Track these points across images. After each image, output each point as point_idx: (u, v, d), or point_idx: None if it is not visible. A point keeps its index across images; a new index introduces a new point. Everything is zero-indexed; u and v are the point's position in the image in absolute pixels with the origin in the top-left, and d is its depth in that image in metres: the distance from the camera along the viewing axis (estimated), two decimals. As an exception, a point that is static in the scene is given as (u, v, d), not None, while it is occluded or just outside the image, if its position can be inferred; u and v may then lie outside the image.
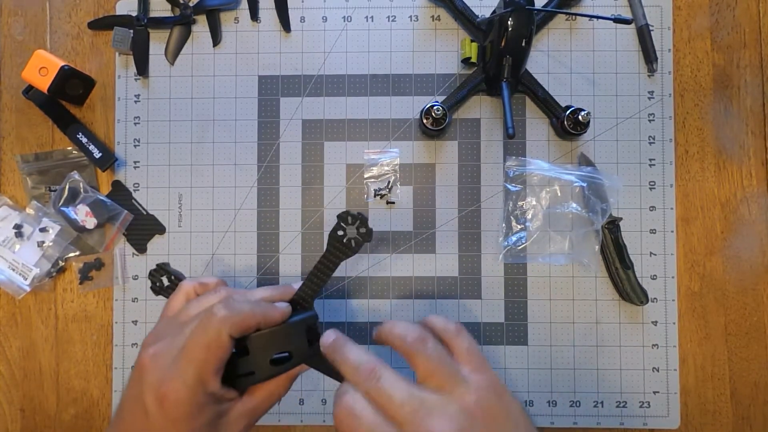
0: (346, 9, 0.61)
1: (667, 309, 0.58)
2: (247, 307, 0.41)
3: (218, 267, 0.60)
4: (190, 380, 0.38)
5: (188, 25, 0.61)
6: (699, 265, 0.59)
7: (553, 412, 0.58)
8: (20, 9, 0.61)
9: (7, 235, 0.58)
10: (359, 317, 0.59)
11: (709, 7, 0.60)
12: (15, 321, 0.60)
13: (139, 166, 0.60)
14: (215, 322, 0.39)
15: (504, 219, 0.59)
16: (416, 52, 0.60)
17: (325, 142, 0.60)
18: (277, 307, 0.43)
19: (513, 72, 0.55)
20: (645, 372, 0.58)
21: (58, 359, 0.60)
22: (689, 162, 0.59)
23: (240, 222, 0.60)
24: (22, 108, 0.61)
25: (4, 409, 0.60)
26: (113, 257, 0.59)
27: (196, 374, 0.38)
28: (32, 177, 0.60)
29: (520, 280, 0.59)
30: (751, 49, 0.60)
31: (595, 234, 0.57)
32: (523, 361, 0.58)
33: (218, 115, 0.60)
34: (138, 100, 0.61)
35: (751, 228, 0.59)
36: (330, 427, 0.59)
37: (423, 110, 0.56)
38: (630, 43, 0.60)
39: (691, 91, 0.59)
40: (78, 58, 0.61)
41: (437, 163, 0.60)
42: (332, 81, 0.60)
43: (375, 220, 0.59)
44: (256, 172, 0.60)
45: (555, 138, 0.60)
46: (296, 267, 0.59)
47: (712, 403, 0.58)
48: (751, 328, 0.58)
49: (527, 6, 0.52)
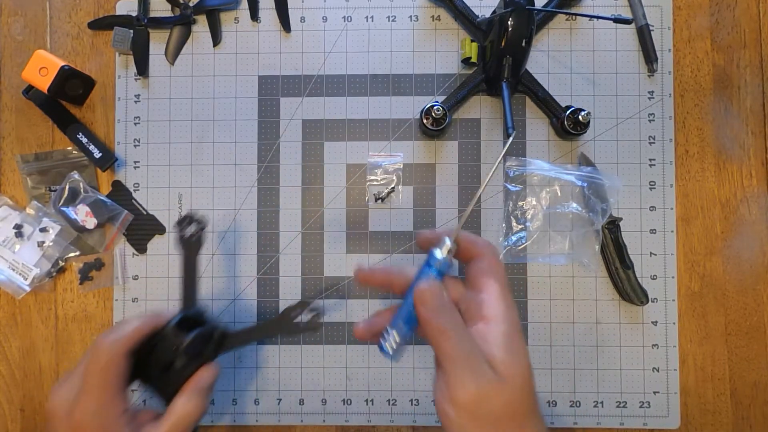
0: (346, 9, 0.61)
1: (667, 309, 0.58)
2: (127, 324, 0.43)
3: (218, 267, 0.60)
4: (95, 405, 0.40)
5: (188, 25, 0.61)
6: (699, 265, 0.59)
7: (553, 412, 0.58)
8: (20, 9, 0.61)
9: (7, 235, 0.58)
10: (359, 317, 0.59)
11: (709, 7, 0.60)
12: (15, 321, 0.60)
13: (139, 166, 0.60)
14: (103, 344, 0.42)
15: (504, 219, 0.59)
16: (416, 52, 0.60)
17: (325, 142, 0.60)
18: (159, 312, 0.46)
19: (513, 72, 0.55)
20: (645, 372, 0.58)
21: (58, 359, 0.60)
22: (689, 162, 0.59)
23: (240, 222, 0.60)
24: (22, 108, 0.61)
25: (4, 409, 0.60)
26: (113, 257, 0.59)
27: (101, 397, 0.40)
28: (32, 177, 0.60)
29: (520, 280, 0.59)
30: (751, 49, 0.60)
31: (595, 234, 0.57)
32: (523, 361, 0.58)
33: (218, 115, 0.60)
34: (138, 100, 0.61)
35: (751, 228, 0.59)
36: (329, 427, 0.59)
37: (423, 110, 0.56)
38: (630, 43, 0.60)
39: (691, 91, 0.59)
40: (78, 58, 0.61)
41: (437, 163, 0.60)
42: (332, 81, 0.60)
43: (375, 220, 0.59)
44: (256, 172, 0.60)
45: (555, 138, 0.60)
46: (296, 267, 0.59)
47: (712, 403, 0.58)
48: (751, 328, 0.58)
49: (527, 6, 0.52)
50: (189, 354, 0.44)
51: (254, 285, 0.59)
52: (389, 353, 0.39)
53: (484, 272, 0.39)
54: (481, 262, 0.39)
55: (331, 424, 0.59)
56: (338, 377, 0.59)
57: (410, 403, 0.58)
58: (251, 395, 0.59)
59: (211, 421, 0.59)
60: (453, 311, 0.37)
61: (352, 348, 0.59)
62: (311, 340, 0.59)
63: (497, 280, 0.38)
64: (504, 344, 0.36)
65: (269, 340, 0.59)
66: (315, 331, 0.48)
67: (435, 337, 0.36)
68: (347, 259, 0.59)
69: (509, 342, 0.36)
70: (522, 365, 0.36)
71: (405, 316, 0.38)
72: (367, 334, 0.41)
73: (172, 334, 0.44)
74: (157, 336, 0.44)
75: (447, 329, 0.36)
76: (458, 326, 0.36)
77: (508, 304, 0.38)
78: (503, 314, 0.37)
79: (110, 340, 0.42)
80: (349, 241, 0.59)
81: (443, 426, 0.37)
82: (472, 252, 0.40)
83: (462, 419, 0.35)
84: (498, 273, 0.39)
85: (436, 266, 0.39)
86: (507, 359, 0.35)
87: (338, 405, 0.59)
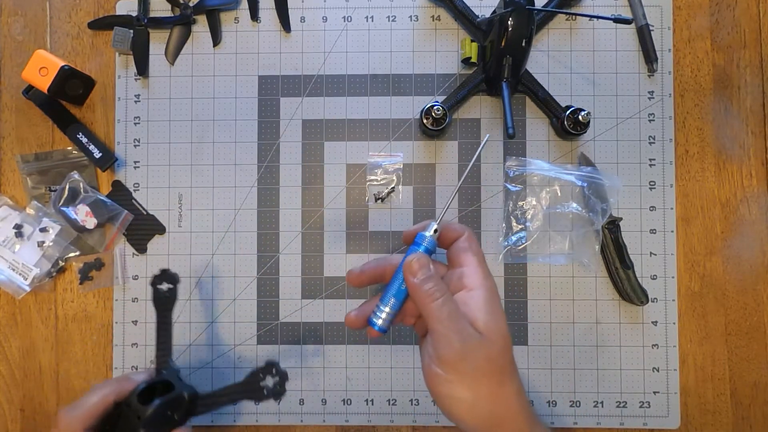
0: (346, 9, 0.61)
1: (667, 309, 0.58)
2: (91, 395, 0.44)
3: (218, 267, 0.60)
4: None
5: (188, 25, 0.61)
6: (699, 265, 0.59)
7: (553, 412, 0.58)
8: (20, 9, 0.61)
9: (7, 235, 0.58)
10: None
11: (709, 7, 0.60)
12: (15, 321, 0.60)
13: (139, 166, 0.60)
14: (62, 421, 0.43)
15: (504, 219, 0.59)
16: (416, 52, 0.60)
17: (325, 142, 0.60)
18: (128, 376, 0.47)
19: (513, 72, 0.55)
20: (645, 372, 0.58)
21: (58, 359, 0.60)
22: (689, 162, 0.59)
23: (240, 222, 0.60)
24: (22, 108, 0.61)
25: (4, 409, 0.60)
26: (113, 257, 0.59)
27: None
28: (32, 177, 0.60)
29: (520, 280, 0.59)
30: (751, 49, 0.60)
31: (595, 234, 0.57)
32: (523, 361, 0.58)
33: (218, 115, 0.60)
34: (138, 100, 0.61)
35: (751, 228, 0.59)
36: (329, 427, 0.59)
37: (423, 110, 0.56)
38: (630, 43, 0.60)
39: (691, 91, 0.59)
40: (78, 58, 0.61)
41: (437, 163, 0.60)
42: (332, 81, 0.60)
43: (375, 220, 0.59)
44: (256, 172, 0.60)
45: (555, 138, 0.60)
46: (296, 267, 0.59)
47: (712, 403, 0.58)
48: (751, 328, 0.58)
49: (527, 6, 0.52)
50: (151, 425, 0.44)
51: (254, 285, 0.59)
52: (381, 327, 0.42)
53: (463, 249, 0.43)
54: (460, 242, 0.43)
55: (331, 424, 0.59)
56: (338, 377, 0.59)
57: (410, 403, 0.58)
58: (251, 395, 0.59)
59: (211, 421, 0.59)
60: (438, 279, 0.41)
61: (352, 348, 0.59)
62: (311, 340, 0.59)
63: (474, 254, 0.42)
64: (484, 308, 0.40)
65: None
66: (278, 397, 0.47)
67: (423, 300, 0.40)
68: (347, 259, 0.59)
69: (488, 306, 0.40)
70: (501, 325, 0.40)
71: (395, 290, 0.42)
72: (358, 322, 0.43)
73: (135, 404, 0.44)
74: (123, 404, 0.45)
75: (434, 292, 0.40)
76: (443, 291, 0.40)
77: (485, 274, 0.42)
78: (481, 282, 0.41)
79: (69, 416, 0.43)
80: (349, 241, 0.59)
81: (431, 392, 0.41)
82: (451, 235, 0.43)
83: (450, 375, 0.39)
84: (474, 248, 0.43)
85: (424, 244, 0.42)
86: (487, 320, 0.40)
87: (338, 405, 0.59)
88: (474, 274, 0.41)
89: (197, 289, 0.59)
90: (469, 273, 0.42)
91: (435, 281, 0.40)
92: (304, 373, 0.59)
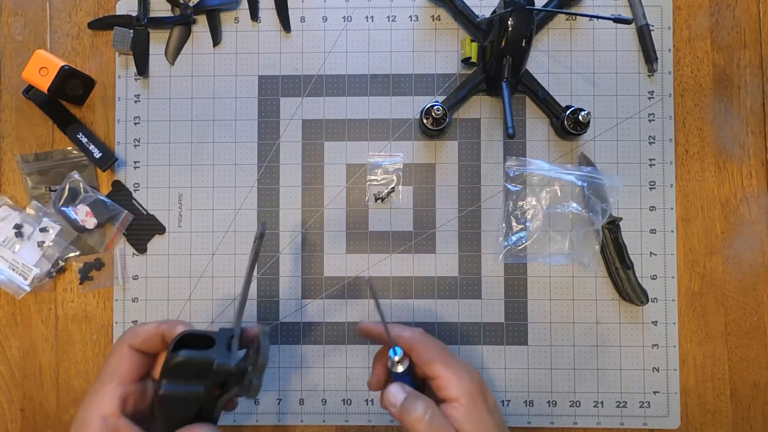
0: (346, 9, 0.61)
1: (667, 309, 0.58)
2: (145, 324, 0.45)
3: (218, 267, 0.60)
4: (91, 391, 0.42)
5: (188, 25, 0.61)
6: (699, 265, 0.59)
7: (553, 412, 0.58)
8: (20, 9, 0.61)
9: (7, 235, 0.58)
10: (359, 317, 0.59)
11: (709, 7, 0.60)
12: (15, 321, 0.60)
13: (139, 166, 0.60)
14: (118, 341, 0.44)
15: (504, 219, 0.59)
16: (416, 52, 0.60)
17: (325, 142, 0.60)
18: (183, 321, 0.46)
19: (513, 72, 0.55)
20: (645, 372, 0.58)
21: (58, 359, 0.60)
22: (689, 162, 0.59)
23: (240, 222, 0.60)
24: (22, 108, 0.61)
25: (4, 409, 0.60)
26: (113, 257, 0.59)
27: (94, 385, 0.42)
28: (32, 177, 0.60)
29: (520, 280, 0.59)
30: (751, 49, 0.60)
31: (595, 234, 0.57)
32: (523, 361, 0.58)
33: (218, 115, 0.60)
34: (138, 100, 0.61)
35: (751, 228, 0.59)
36: (329, 427, 0.59)
37: (423, 110, 0.56)
38: (630, 43, 0.60)
39: (691, 91, 0.59)
40: (78, 58, 0.61)
41: (437, 163, 0.60)
42: (332, 81, 0.60)
43: (375, 220, 0.59)
44: (256, 172, 0.60)
45: (555, 138, 0.60)
46: (296, 267, 0.59)
47: (712, 403, 0.58)
48: (751, 328, 0.58)
49: (527, 6, 0.52)
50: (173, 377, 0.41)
51: (254, 285, 0.59)
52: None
53: (426, 361, 0.45)
54: (418, 353, 0.45)
55: (331, 424, 0.59)
56: (338, 377, 0.59)
57: (410, 403, 0.58)
58: (251, 395, 0.59)
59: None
60: (416, 402, 0.43)
61: (352, 348, 0.59)
62: (311, 340, 0.59)
63: (438, 360, 0.44)
64: (466, 418, 0.43)
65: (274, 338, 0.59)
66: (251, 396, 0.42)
67: (412, 425, 0.42)
68: (347, 259, 0.59)
69: (471, 414, 0.43)
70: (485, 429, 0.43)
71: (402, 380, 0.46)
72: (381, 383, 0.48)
73: (169, 352, 0.41)
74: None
75: (419, 416, 0.42)
76: (428, 409, 0.42)
77: (459, 376, 0.44)
78: (459, 391, 0.43)
79: (122, 335, 0.45)
80: (349, 241, 0.59)
81: None
82: (405, 345, 0.46)
83: None
84: (435, 354, 0.45)
85: (394, 370, 0.46)
86: (472, 429, 0.42)
87: (338, 405, 0.59)
88: (449, 384, 0.43)
89: (197, 289, 0.60)
90: (445, 384, 0.44)
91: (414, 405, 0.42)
92: (304, 373, 0.59)
